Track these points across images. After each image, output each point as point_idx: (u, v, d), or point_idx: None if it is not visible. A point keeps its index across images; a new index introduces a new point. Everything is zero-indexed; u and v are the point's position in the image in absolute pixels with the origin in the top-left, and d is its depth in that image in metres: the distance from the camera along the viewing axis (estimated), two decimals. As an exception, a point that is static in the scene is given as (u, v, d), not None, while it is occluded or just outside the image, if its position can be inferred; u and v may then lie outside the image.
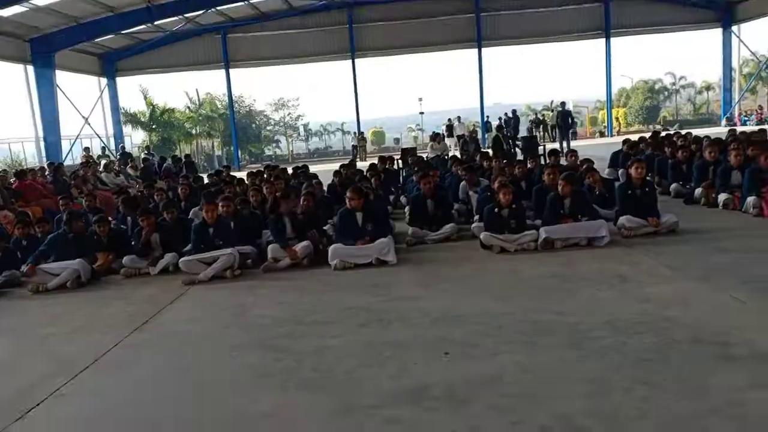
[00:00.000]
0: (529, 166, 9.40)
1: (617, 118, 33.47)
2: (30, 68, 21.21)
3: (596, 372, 3.41)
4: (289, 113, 37.98)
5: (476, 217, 7.88)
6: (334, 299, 5.42)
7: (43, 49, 20.94)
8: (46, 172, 13.61)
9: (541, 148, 15.85)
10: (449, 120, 27.42)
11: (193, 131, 32.76)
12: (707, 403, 2.98)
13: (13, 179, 12.10)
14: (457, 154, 16.49)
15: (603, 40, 27.79)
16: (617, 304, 4.59)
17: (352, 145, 29.86)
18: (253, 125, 36.56)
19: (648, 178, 7.57)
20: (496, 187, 7.02)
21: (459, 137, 23.12)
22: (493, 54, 31.68)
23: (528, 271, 5.82)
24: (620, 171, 10.88)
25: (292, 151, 36.35)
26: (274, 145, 38.13)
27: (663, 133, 15.25)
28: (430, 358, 3.82)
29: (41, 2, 18.78)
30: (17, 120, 21.42)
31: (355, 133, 29.79)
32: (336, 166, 12.49)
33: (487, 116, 28.81)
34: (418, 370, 3.66)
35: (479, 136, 22.84)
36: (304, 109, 40.71)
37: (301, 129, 39.24)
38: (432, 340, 4.13)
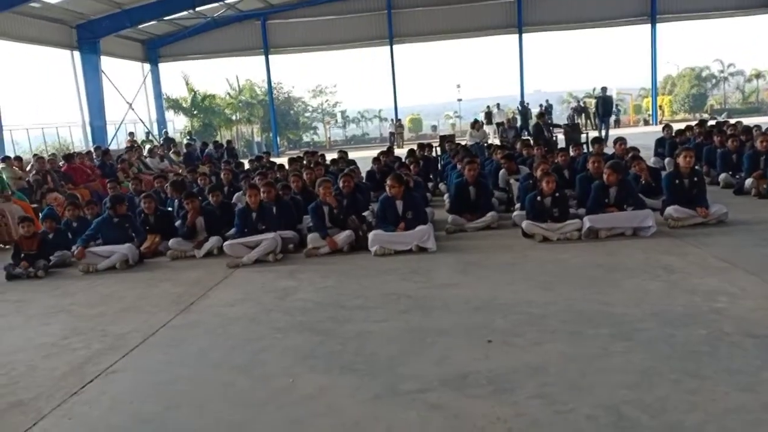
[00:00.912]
0: (571, 154, 9.24)
1: (661, 106, 32.55)
2: (76, 54, 21.81)
3: (643, 363, 3.37)
4: (327, 100, 38.10)
5: (517, 206, 7.81)
6: (375, 285, 5.46)
7: (89, 35, 21.50)
8: (94, 156, 13.99)
9: (584, 135, 15.56)
10: (488, 107, 27.14)
11: (234, 117, 33.18)
12: (758, 397, 2.91)
13: (62, 162, 12.45)
14: (497, 141, 16.31)
15: (648, 26, 26.99)
16: (664, 295, 4.51)
17: (390, 132, 29.86)
18: (292, 112, 36.80)
19: (696, 167, 7.36)
20: (539, 175, 6.93)
21: (498, 124, 22.88)
22: (534, 40, 31.15)
23: (571, 260, 5.75)
24: (667, 160, 10.63)
25: (329, 137, 36.50)
26: (311, 131, 38.34)
27: (710, 122, 14.78)
28: (472, 346, 3.82)
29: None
30: (65, 105, 22.12)
31: (392, 120, 29.76)
32: (373, 153, 12.51)
33: (527, 102, 28.39)
34: (461, 357, 3.66)
35: (518, 123, 22.49)
36: (342, 96, 40.82)
37: (339, 116, 39.34)
38: (474, 328, 4.13)
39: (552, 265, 5.67)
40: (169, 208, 8.54)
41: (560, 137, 15.72)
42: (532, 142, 12.05)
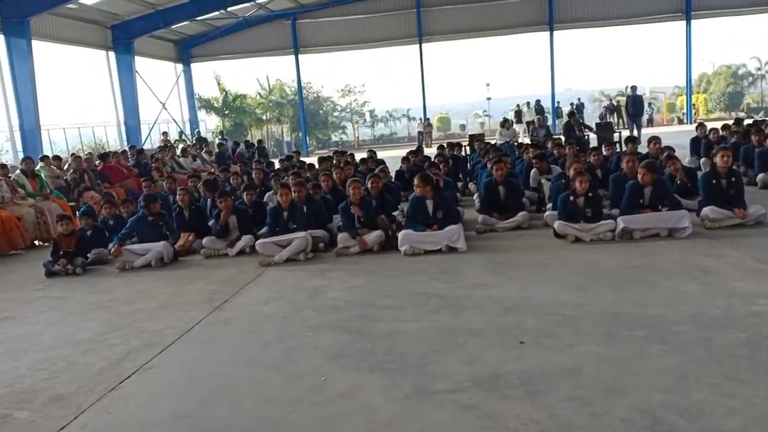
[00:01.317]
0: (604, 153, 9.10)
1: (695, 105, 31.82)
2: (111, 54, 22.29)
3: (680, 366, 3.31)
4: (355, 99, 38.20)
5: (549, 206, 7.73)
6: (405, 284, 5.47)
7: (123, 36, 21.98)
8: (128, 155, 14.28)
9: (617, 135, 15.31)
10: (518, 106, 26.92)
11: (264, 117, 33.51)
12: (801, 403, 2.84)
13: (98, 162, 12.73)
14: (527, 140, 16.16)
15: (683, 23, 26.42)
16: (701, 297, 4.42)
17: (418, 132, 29.82)
18: (321, 111, 37.00)
19: (734, 167, 7.19)
20: (572, 175, 6.86)
21: (528, 123, 22.66)
22: (565, 37, 30.76)
23: (605, 261, 5.68)
24: (702, 160, 10.42)
25: (357, 137, 36.60)
26: (340, 131, 38.49)
27: (747, 121, 14.41)
28: (504, 347, 3.80)
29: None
30: (100, 105, 22.59)
31: (420, 119, 29.71)
32: (401, 152, 12.52)
33: (558, 102, 28.07)
34: (492, 357, 3.65)
35: (549, 122, 22.26)
36: (370, 95, 40.85)
37: (367, 115, 39.41)
38: (505, 329, 4.11)
39: (585, 265, 5.60)
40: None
41: (592, 136, 15.48)
42: (563, 141, 11.92)
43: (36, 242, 9.31)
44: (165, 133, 21.23)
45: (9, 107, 16.90)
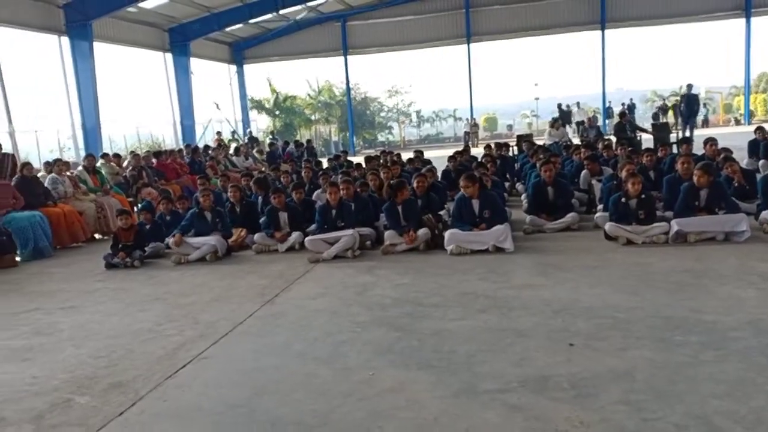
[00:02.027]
0: (659, 154, 8.87)
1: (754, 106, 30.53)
2: (168, 56, 23.01)
3: (736, 373, 3.22)
4: (402, 100, 38.23)
5: (599, 207, 7.60)
6: (451, 283, 5.47)
7: (180, 38, 22.69)
8: (184, 154, 14.72)
9: (673, 135, 14.86)
10: (567, 105, 26.44)
11: (313, 117, 33.94)
12: None
13: (153, 160, 13.18)
14: (576, 141, 15.86)
15: (742, 20, 25.39)
16: (760, 303, 4.28)
17: (464, 132, 29.65)
18: (368, 112, 37.20)
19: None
20: (624, 176, 6.72)
21: (578, 123, 22.25)
22: (616, 36, 29.99)
23: (658, 264, 5.54)
24: (761, 162, 10.03)
25: (403, 137, 36.62)
26: (386, 131, 38.60)
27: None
28: (553, 349, 3.77)
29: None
30: (157, 105, 23.29)
31: (467, 119, 29.52)
32: (447, 152, 12.48)
33: (609, 101, 27.44)
34: (541, 359, 3.63)
35: (600, 122, 21.77)
36: (417, 96, 40.79)
37: (414, 115, 39.38)
38: (555, 331, 4.07)
39: (637, 268, 5.48)
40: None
41: (644, 137, 15.06)
42: (614, 141, 11.67)
43: (96, 236, 9.70)
44: (219, 133, 21.76)
45: (72, 106, 17.68)
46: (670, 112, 26.24)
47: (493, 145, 12.56)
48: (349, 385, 3.49)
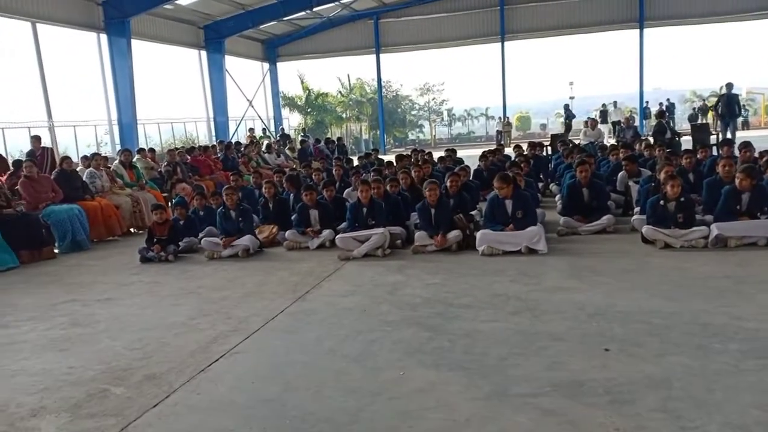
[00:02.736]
0: (698, 156, 8.65)
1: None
2: (203, 53, 23.35)
3: (780, 384, 3.12)
4: (434, 98, 38.11)
5: (637, 209, 7.44)
6: (483, 284, 5.42)
7: (215, 36, 22.98)
8: (217, 150, 14.91)
9: (713, 137, 14.45)
10: (603, 105, 26.00)
11: (344, 115, 34.07)
12: None
13: (187, 157, 13.36)
14: (612, 141, 15.58)
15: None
16: (805, 312, 4.13)
17: (497, 131, 29.40)
18: (399, 110, 37.19)
19: None
20: (663, 178, 6.57)
21: (614, 123, 21.87)
22: (655, 34, 29.29)
23: (697, 269, 5.41)
24: (807, 165, 9.67)
25: (434, 135, 36.52)
26: (417, 129, 38.55)
27: None
28: (587, 353, 3.70)
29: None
30: (192, 101, 23.64)
31: (500, 118, 29.26)
32: (478, 151, 12.38)
33: (647, 101, 26.88)
34: (575, 363, 3.56)
35: (637, 122, 21.32)
36: (449, 94, 40.57)
37: (445, 114, 39.22)
38: (589, 335, 4.00)
39: (675, 273, 5.36)
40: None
41: (683, 138, 14.71)
42: (652, 142, 11.42)
43: (132, 230, 9.91)
44: (251, 130, 22.00)
45: (109, 102, 18.07)
46: (710, 113, 25.56)
47: (525, 145, 12.39)
48: (378, 383, 3.48)
